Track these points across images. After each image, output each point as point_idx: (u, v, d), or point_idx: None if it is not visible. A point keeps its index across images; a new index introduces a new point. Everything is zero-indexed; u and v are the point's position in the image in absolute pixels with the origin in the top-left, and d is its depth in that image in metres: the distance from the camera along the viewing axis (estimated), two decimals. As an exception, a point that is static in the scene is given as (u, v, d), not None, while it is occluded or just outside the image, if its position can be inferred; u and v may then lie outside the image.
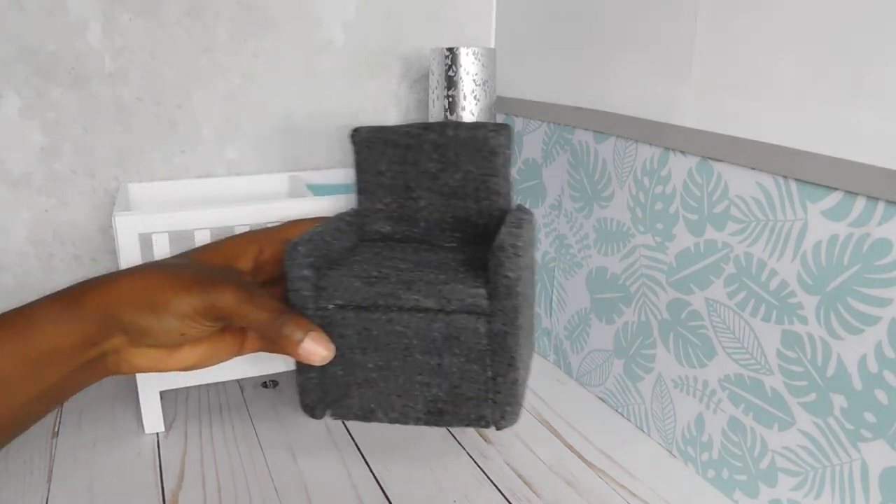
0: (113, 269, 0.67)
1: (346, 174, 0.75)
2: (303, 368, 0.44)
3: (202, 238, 0.57)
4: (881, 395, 0.39)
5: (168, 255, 0.55)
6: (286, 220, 0.57)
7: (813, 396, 0.43)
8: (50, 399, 0.38)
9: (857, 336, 0.40)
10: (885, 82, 0.37)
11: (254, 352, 0.46)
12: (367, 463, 0.55)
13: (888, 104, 0.37)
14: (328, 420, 0.61)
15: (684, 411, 0.54)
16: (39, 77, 0.61)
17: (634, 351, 0.59)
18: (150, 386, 0.59)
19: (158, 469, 0.53)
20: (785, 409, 0.46)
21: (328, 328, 0.43)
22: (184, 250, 0.48)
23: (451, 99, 0.67)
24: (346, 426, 0.60)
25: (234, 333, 0.45)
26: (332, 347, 0.41)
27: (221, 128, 0.69)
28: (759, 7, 0.44)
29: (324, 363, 0.42)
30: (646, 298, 0.57)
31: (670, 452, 0.56)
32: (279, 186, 0.73)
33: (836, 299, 0.41)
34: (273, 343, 0.42)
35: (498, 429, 0.44)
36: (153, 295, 0.39)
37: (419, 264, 0.45)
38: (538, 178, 0.70)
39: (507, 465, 0.55)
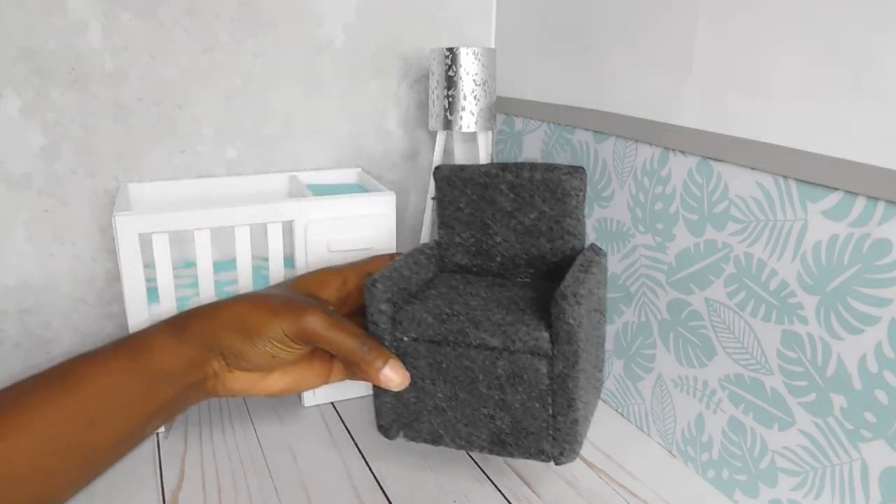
0: (113, 269, 0.67)
1: (345, 174, 0.76)
2: (379, 393, 0.48)
3: (202, 238, 0.57)
4: (881, 395, 0.39)
5: (168, 256, 0.55)
6: (289, 223, 0.58)
7: (813, 396, 0.43)
8: (159, 417, 0.42)
9: (857, 336, 0.40)
10: (884, 82, 0.37)
11: (339, 380, 0.50)
12: (367, 463, 0.55)
13: (888, 104, 0.37)
14: (328, 420, 0.61)
15: (684, 411, 0.54)
16: (39, 77, 0.61)
17: (634, 351, 0.59)
18: (150, 386, 0.59)
19: (158, 469, 0.53)
20: (785, 409, 0.46)
21: (403, 358, 0.47)
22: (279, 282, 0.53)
23: (451, 99, 0.67)
24: (345, 426, 0.60)
25: (322, 362, 0.49)
26: (408, 376, 0.46)
27: (221, 128, 0.69)
28: (759, 7, 0.44)
29: (399, 389, 0.46)
30: (646, 298, 0.57)
31: (670, 452, 0.56)
32: (279, 186, 0.73)
33: (836, 299, 0.41)
34: (356, 368, 0.45)
35: (557, 464, 0.46)
36: (246, 320, 0.43)
37: (489, 302, 0.47)
38: (538, 178, 0.70)
39: (507, 465, 0.55)
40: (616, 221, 0.59)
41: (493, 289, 0.50)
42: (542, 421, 0.45)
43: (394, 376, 0.45)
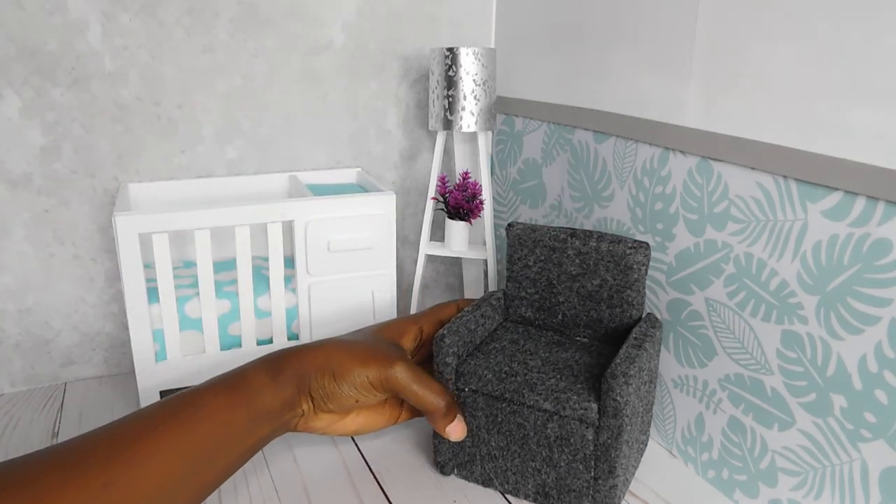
0: (113, 269, 0.67)
1: (345, 174, 0.76)
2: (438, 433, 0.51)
3: (202, 238, 0.57)
4: (881, 395, 0.39)
5: (168, 256, 0.55)
6: (289, 223, 0.57)
7: (813, 396, 0.43)
8: (253, 450, 0.45)
9: (857, 336, 0.40)
10: (884, 82, 0.37)
11: (405, 421, 0.54)
12: (367, 463, 0.55)
13: (887, 104, 0.37)
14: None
15: (684, 411, 0.54)
16: (39, 77, 0.61)
17: (634, 351, 0.59)
18: (151, 386, 0.59)
19: (158, 469, 0.53)
20: (785, 409, 0.46)
21: (462, 406, 0.50)
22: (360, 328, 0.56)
23: (451, 99, 0.67)
24: (346, 426, 0.60)
25: (392, 407, 0.53)
26: (465, 433, 0.50)
27: (221, 128, 0.69)
28: (759, 7, 0.44)
29: (456, 441, 0.50)
30: (646, 298, 0.57)
31: (670, 452, 0.56)
32: (279, 186, 0.73)
33: (836, 299, 0.41)
34: (428, 417, 0.49)
35: None
36: (336, 365, 0.47)
37: (547, 364, 0.51)
38: (538, 178, 0.70)
39: (507, 465, 0.54)
40: (616, 221, 0.59)
41: (552, 348, 0.54)
42: (584, 481, 0.47)
43: (454, 432, 0.49)
